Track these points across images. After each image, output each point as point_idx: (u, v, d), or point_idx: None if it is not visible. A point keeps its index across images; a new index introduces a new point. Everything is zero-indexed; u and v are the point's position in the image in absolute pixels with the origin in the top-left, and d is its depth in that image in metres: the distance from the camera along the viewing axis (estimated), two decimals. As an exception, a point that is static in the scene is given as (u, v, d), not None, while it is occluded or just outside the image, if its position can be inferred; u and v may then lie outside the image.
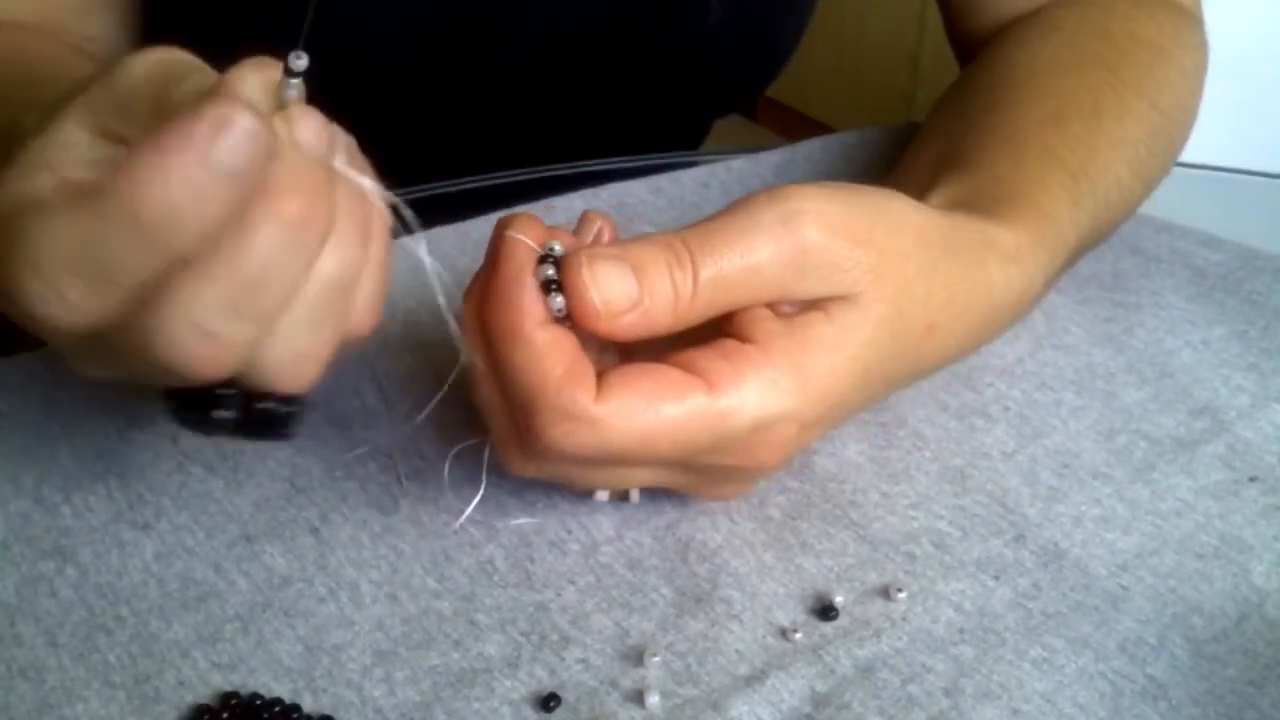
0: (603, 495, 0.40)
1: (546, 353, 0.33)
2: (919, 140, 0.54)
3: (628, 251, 0.34)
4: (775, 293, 0.35)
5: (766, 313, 0.35)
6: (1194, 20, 0.57)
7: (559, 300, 0.33)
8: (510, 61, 0.62)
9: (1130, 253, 0.54)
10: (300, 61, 0.30)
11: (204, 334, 0.29)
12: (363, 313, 0.33)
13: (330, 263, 0.31)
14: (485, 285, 0.35)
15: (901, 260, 0.36)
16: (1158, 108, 0.51)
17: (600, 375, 0.33)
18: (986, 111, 0.50)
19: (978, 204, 0.43)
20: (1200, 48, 0.57)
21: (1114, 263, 0.54)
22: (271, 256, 0.29)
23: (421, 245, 0.33)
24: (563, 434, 0.33)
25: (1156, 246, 0.55)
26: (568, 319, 0.34)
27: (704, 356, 0.34)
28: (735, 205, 0.35)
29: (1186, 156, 0.58)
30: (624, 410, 0.33)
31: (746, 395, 0.34)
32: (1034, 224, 0.43)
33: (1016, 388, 0.46)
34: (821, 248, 0.35)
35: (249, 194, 0.28)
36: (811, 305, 0.36)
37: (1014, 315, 0.43)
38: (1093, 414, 0.45)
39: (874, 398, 0.39)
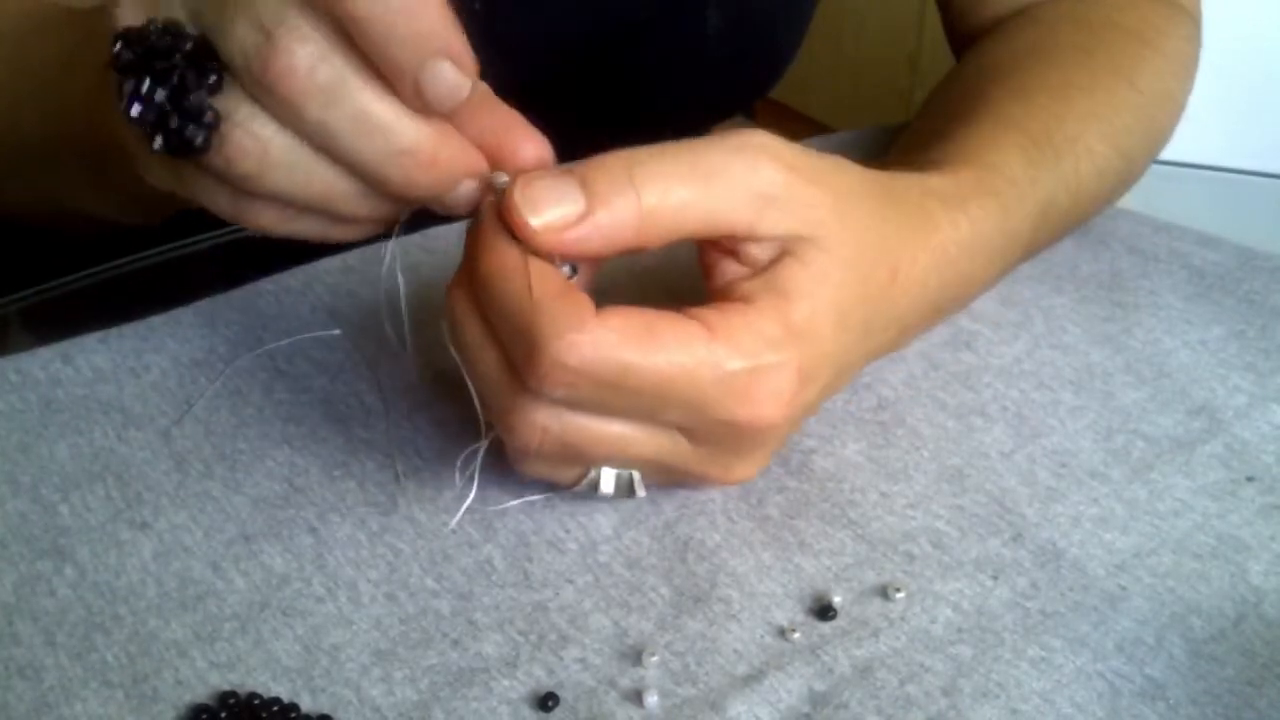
0: (608, 485, 0.39)
1: (540, 275, 0.34)
2: (899, 140, 0.55)
3: (576, 168, 0.35)
4: (738, 220, 0.35)
5: (744, 272, 0.37)
6: (1185, 14, 0.57)
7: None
8: (508, 68, 0.62)
9: (1128, 252, 0.54)
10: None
11: None
12: None
13: None
14: (473, 240, 0.35)
15: (855, 203, 0.38)
16: (1135, 86, 0.52)
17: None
18: (956, 101, 0.52)
19: (929, 167, 0.44)
20: (1189, 39, 0.57)
21: (1112, 262, 0.54)
22: None
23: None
24: (566, 346, 0.33)
25: (1154, 246, 0.55)
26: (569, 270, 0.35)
27: (697, 308, 0.35)
28: (696, 140, 0.36)
29: (1185, 156, 0.58)
30: (625, 328, 0.34)
31: (740, 341, 0.35)
32: (976, 174, 0.44)
33: (1015, 387, 0.46)
34: (781, 182, 0.36)
35: None
36: (781, 252, 0.36)
37: (970, 266, 0.44)
38: (1091, 414, 0.45)
39: (855, 349, 0.39)
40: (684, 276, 0.42)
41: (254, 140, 0.33)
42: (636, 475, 0.38)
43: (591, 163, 0.35)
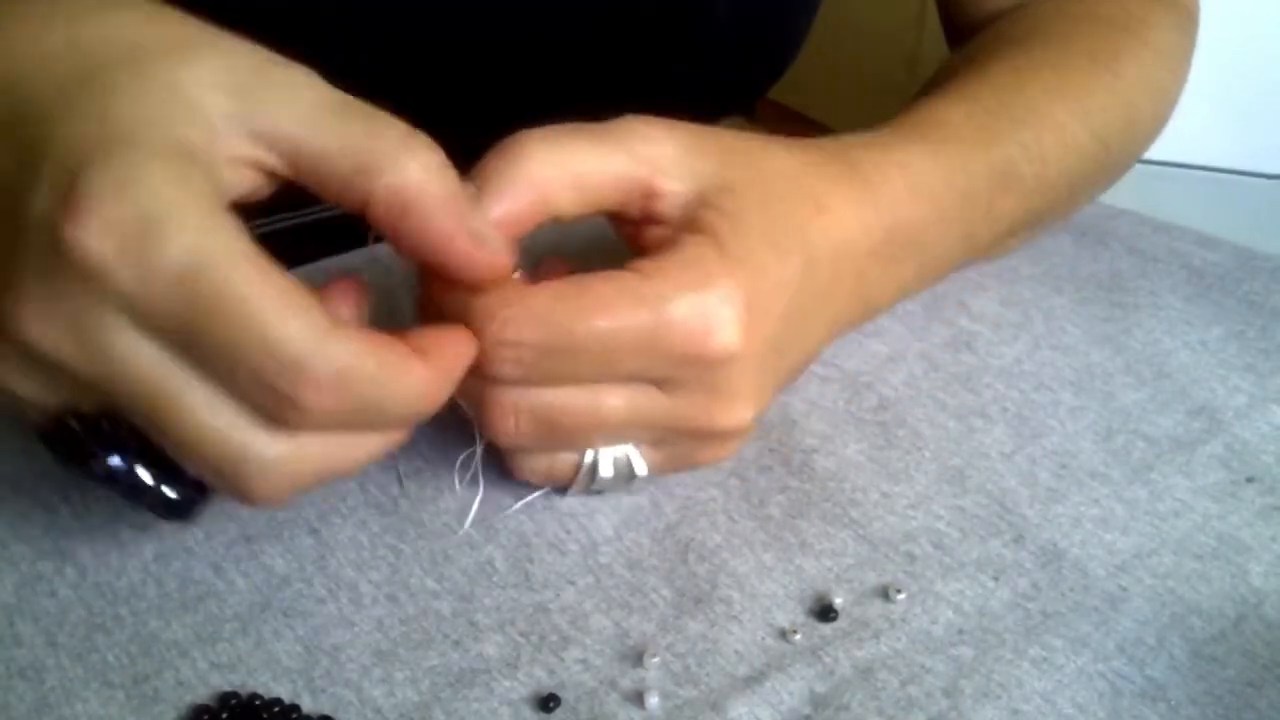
0: (606, 467, 0.38)
1: (468, 263, 0.34)
2: None
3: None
4: (636, 176, 0.37)
5: (664, 229, 0.37)
6: (1178, 10, 0.57)
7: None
8: (512, 56, 0.62)
9: (1128, 253, 0.54)
10: None
11: None
12: None
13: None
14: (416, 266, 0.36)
15: (750, 152, 0.39)
16: (1112, 71, 0.51)
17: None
18: (929, 87, 0.52)
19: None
20: (1178, 30, 0.56)
21: (1112, 263, 0.54)
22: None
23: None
24: (500, 324, 0.34)
25: (1154, 247, 0.55)
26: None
27: (630, 261, 0.36)
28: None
29: (1186, 157, 0.58)
30: (556, 290, 0.34)
31: (673, 275, 0.35)
32: (907, 128, 0.44)
33: (1015, 388, 0.46)
34: (666, 137, 0.37)
35: None
36: (693, 205, 0.37)
37: (923, 222, 0.43)
38: (1091, 414, 0.45)
39: (814, 288, 0.39)
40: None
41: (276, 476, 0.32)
42: (632, 452, 0.38)
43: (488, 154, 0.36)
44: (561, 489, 0.40)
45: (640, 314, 0.34)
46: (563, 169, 0.36)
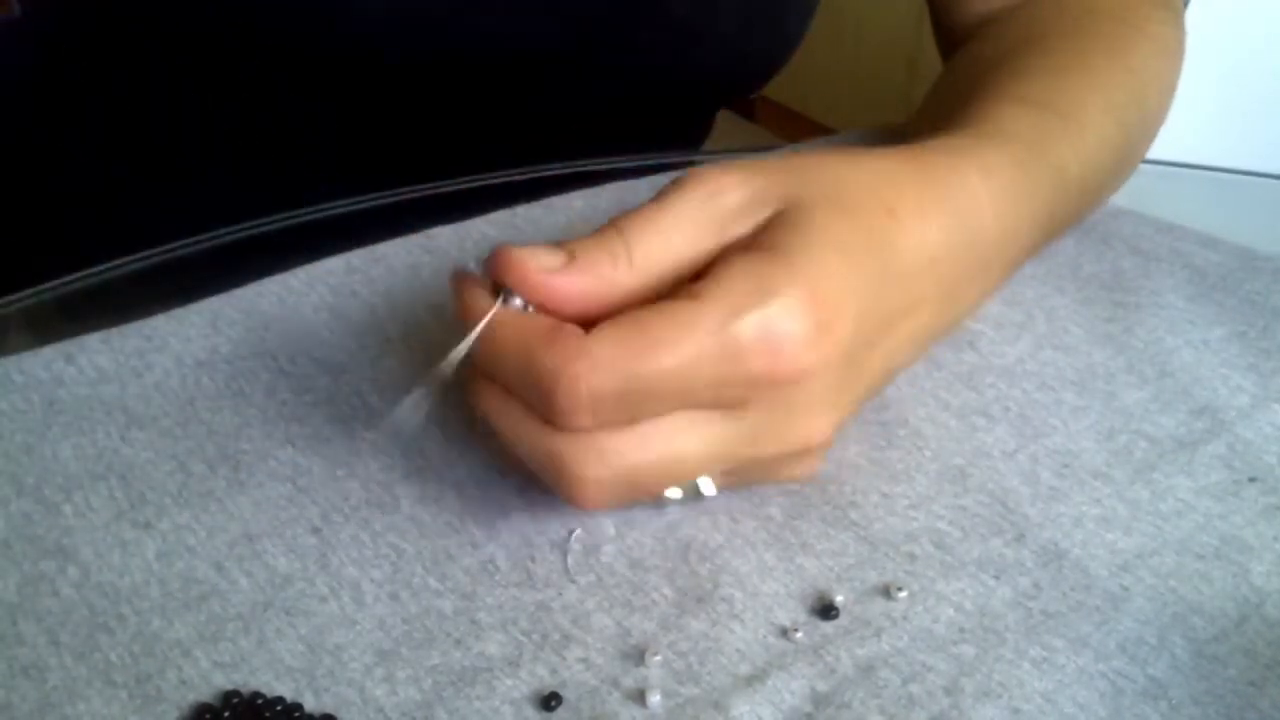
0: (675, 493, 0.38)
1: (523, 323, 0.34)
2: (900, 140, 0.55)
3: (561, 245, 0.35)
4: (713, 240, 0.36)
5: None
6: (1167, 6, 0.58)
7: (516, 303, 0.35)
8: (510, 52, 0.62)
9: (1130, 253, 0.54)
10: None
11: None
12: None
13: None
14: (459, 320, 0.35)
15: (821, 166, 0.38)
16: (1126, 65, 0.52)
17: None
18: (951, 98, 0.52)
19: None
20: (1169, 23, 0.57)
21: (1114, 263, 0.54)
22: None
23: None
24: (570, 382, 0.33)
25: (1156, 247, 0.55)
26: None
27: (683, 286, 0.35)
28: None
29: (1187, 157, 0.58)
30: (618, 338, 0.33)
31: (729, 297, 0.34)
32: (980, 131, 0.44)
33: (1017, 387, 0.46)
34: (732, 185, 0.36)
35: None
36: (762, 229, 0.36)
37: (1003, 222, 0.42)
38: (1093, 414, 0.45)
39: (885, 294, 0.37)
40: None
41: None
42: (703, 479, 0.38)
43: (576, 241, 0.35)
44: None
45: (704, 345, 0.33)
46: (650, 253, 0.35)
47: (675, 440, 0.35)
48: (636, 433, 0.34)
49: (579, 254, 0.34)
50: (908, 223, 0.38)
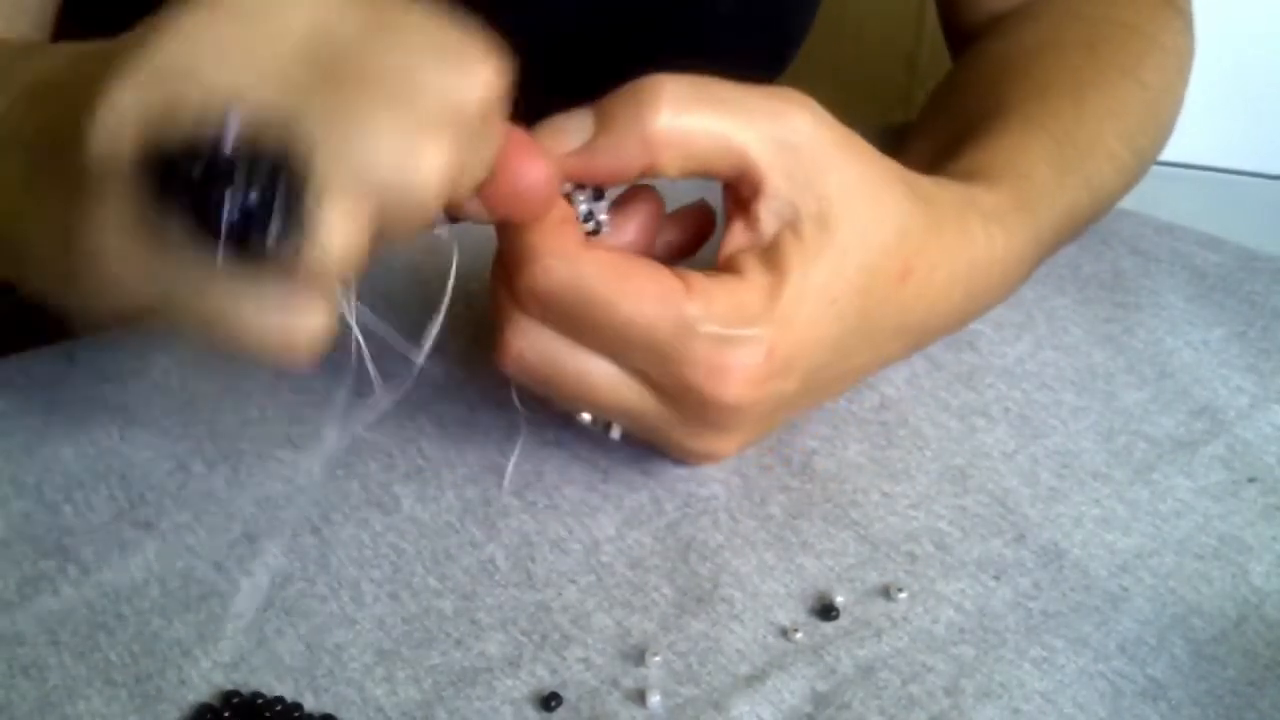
0: (585, 417, 0.39)
1: (544, 204, 0.35)
2: (910, 141, 0.55)
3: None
4: (752, 158, 0.35)
5: (749, 244, 0.36)
6: (1179, 12, 0.58)
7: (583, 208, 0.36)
8: (515, 55, 0.62)
9: (1130, 253, 0.54)
10: None
11: None
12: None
13: None
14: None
15: (878, 188, 0.37)
16: (1141, 82, 0.52)
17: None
18: (971, 101, 0.51)
19: (960, 174, 0.43)
20: (1183, 32, 0.57)
21: (1114, 263, 0.54)
22: None
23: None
24: (541, 270, 0.34)
25: (1156, 247, 0.55)
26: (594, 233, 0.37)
27: (688, 270, 0.36)
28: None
29: (1187, 158, 0.58)
30: (603, 262, 0.34)
31: (714, 307, 0.35)
32: (1015, 185, 0.43)
33: (1017, 388, 0.46)
34: (807, 133, 0.36)
35: None
36: (784, 226, 0.36)
37: (1003, 280, 0.43)
38: (1093, 414, 0.45)
39: (850, 344, 0.38)
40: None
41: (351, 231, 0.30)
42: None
43: (614, 91, 0.35)
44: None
45: (662, 326, 0.34)
46: (683, 135, 0.35)
47: (593, 373, 0.36)
48: (567, 344, 0.36)
49: (600, 134, 0.35)
50: (918, 288, 0.39)
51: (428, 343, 0.35)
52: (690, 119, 0.35)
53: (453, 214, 0.35)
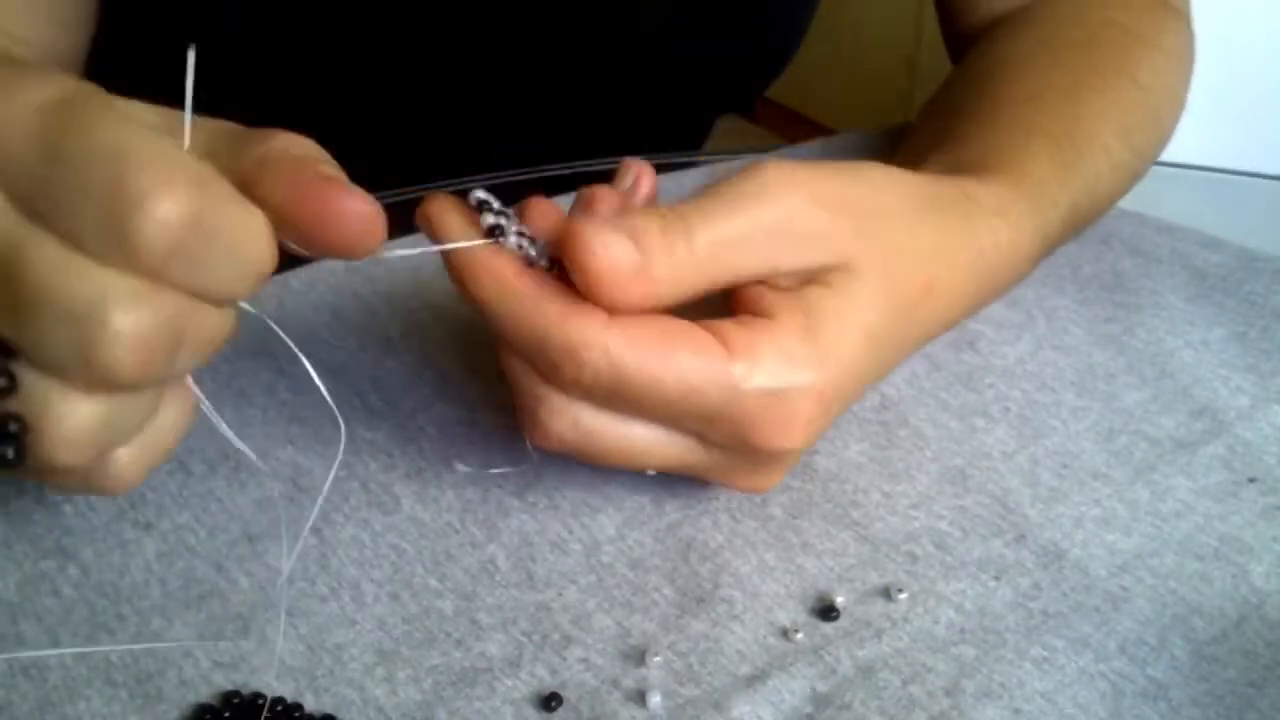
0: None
1: (539, 295, 0.33)
2: (907, 140, 0.55)
3: (623, 221, 0.33)
4: (766, 263, 0.35)
5: (771, 288, 0.35)
6: (1177, 14, 0.58)
7: (512, 241, 0.33)
8: (512, 57, 0.62)
9: (1130, 254, 0.55)
10: None
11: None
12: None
13: None
14: (449, 267, 0.34)
15: (884, 221, 0.37)
16: (1138, 83, 0.52)
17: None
18: (966, 102, 0.52)
19: (959, 171, 0.44)
20: (1182, 34, 0.57)
21: (1114, 263, 0.54)
22: None
23: None
24: (577, 367, 0.32)
25: (1156, 248, 0.55)
26: (546, 263, 0.34)
27: (721, 323, 0.34)
28: (717, 182, 0.35)
29: (1187, 158, 0.58)
30: (638, 339, 0.33)
31: (761, 362, 0.34)
32: (1015, 181, 0.44)
33: (1017, 388, 0.46)
34: (801, 214, 0.35)
35: None
36: (808, 280, 0.36)
37: (1008, 274, 0.43)
38: (1093, 414, 0.45)
39: (885, 366, 0.39)
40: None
41: (80, 429, 0.30)
42: None
43: (641, 220, 0.33)
44: None
45: (711, 392, 0.33)
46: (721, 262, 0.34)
47: (641, 442, 0.35)
48: (612, 419, 0.35)
49: (641, 243, 0.33)
50: (941, 300, 0.39)
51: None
52: (718, 233, 0.34)
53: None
